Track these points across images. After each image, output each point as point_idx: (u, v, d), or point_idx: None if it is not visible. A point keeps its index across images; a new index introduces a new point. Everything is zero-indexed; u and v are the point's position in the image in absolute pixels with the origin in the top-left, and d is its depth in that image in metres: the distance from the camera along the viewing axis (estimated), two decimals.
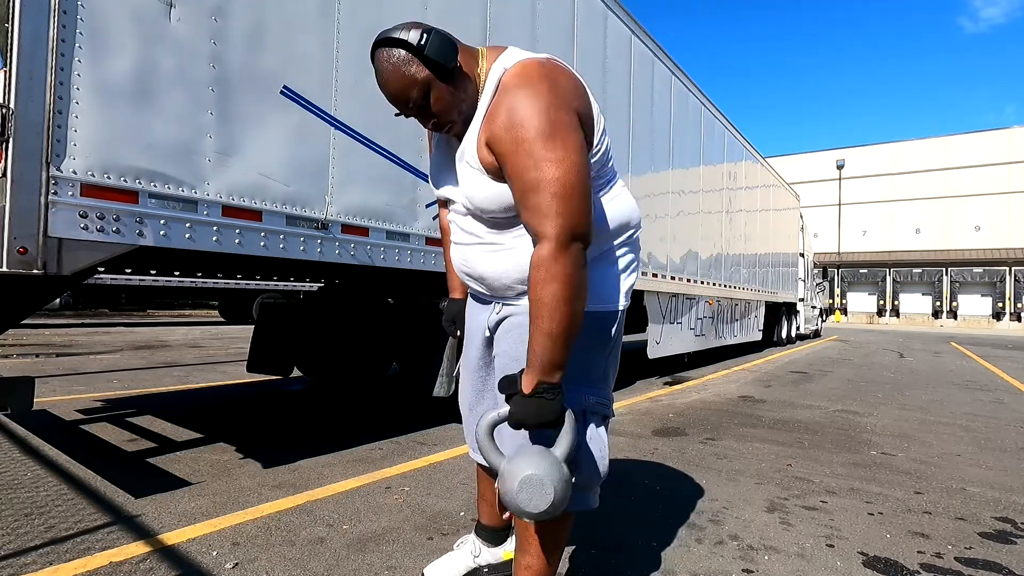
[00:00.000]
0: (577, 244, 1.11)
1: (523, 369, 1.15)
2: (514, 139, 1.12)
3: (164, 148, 2.08)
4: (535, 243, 1.13)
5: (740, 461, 3.12)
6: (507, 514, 1.20)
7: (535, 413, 1.12)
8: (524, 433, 1.21)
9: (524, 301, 1.31)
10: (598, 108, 1.28)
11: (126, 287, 11.76)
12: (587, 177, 1.14)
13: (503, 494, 1.12)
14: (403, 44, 1.16)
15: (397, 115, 1.32)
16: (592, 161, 1.24)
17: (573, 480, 1.16)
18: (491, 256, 1.31)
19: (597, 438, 1.29)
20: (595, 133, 1.25)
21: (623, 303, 1.35)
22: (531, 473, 1.08)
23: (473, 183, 1.25)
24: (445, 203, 1.48)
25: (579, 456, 1.26)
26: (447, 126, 1.26)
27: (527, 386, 1.12)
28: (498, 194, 1.21)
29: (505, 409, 1.16)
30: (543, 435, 1.18)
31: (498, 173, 1.19)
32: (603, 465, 1.30)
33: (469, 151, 1.24)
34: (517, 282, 1.28)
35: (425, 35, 1.15)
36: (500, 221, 1.28)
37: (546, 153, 1.09)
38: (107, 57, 1.92)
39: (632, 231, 1.39)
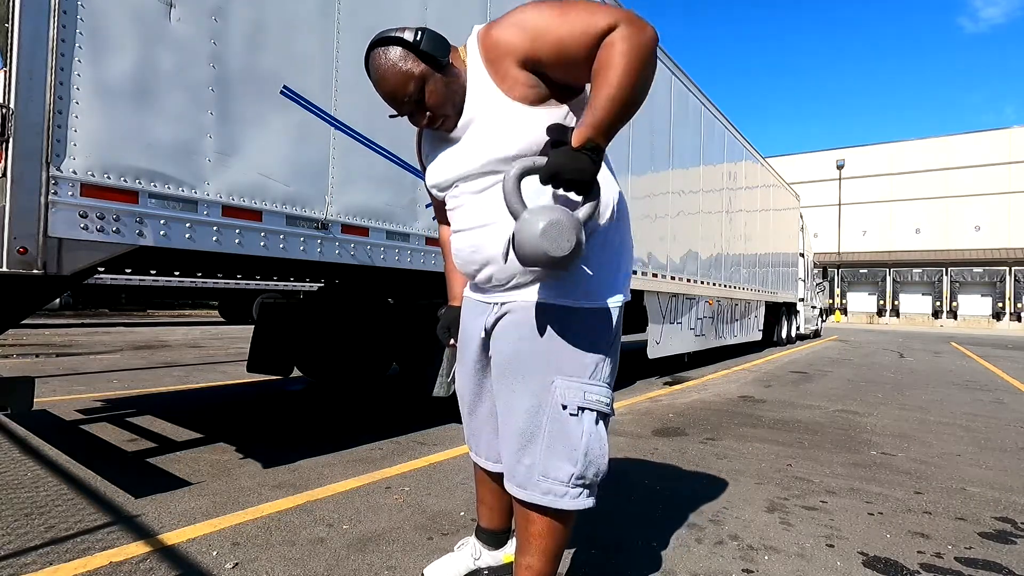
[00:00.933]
0: (649, 27, 1.12)
1: (573, 126, 1.14)
2: (536, 26, 1.17)
3: (164, 148, 2.08)
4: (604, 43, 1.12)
5: (740, 461, 3.12)
6: (502, 502, 1.20)
7: (574, 167, 1.09)
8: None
9: (522, 295, 1.31)
10: None
11: (126, 287, 11.76)
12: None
13: (521, 239, 1.09)
14: (399, 41, 1.21)
15: (392, 116, 1.32)
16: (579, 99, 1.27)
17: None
18: (504, 236, 1.27)
19: (597, 436, 1.29)
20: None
21: (624, 296, 1.35)
22: (556, 218, 1.07)
23: (521, 124, 1.22)
24: (443, 211, 1.48)
25: (578, 455, 1.26)
26: (441, 120, 1.28)
27: (578, 140, 1.10)
28: (541, 120, 1.21)
29: (542, 159, 1.14)
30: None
31: (538, 95, 1.21)
32: (602, 464, 1.30)
33: (496, 102, 1.23)
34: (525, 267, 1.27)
35: (419, 32, 1.21)
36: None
37: (563, 5, 1.15)
38: (107, 57, 1.92)
39: (624, 221, 1.38)
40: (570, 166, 1.09)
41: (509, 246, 1.16)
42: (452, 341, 1.64)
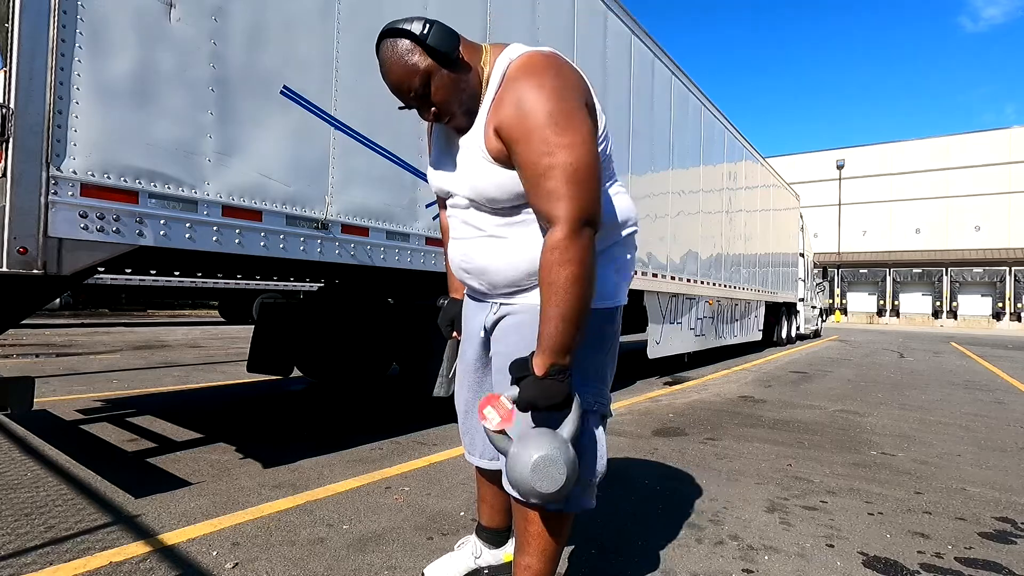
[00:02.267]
0: (589, 228, 1.13)
1: (533, 352, 1.16)
2: (524, 127, 1.14)
3: (164, 148, 2.08)
4: (546, 229, 1.14)
5: (740, 461, 3.12)
6: (510, 490, 1.20)
7: (546, 395, 1.13)
8: (528, 418, 1.22)
9: (522, 299, 1.31)
10: (599, 106, 1.29)
11: (126, 287, 11.76)
12: (598, 162, 1.17)
13: (513, 478, 1.12)
14: (406, 34, 1.20)
15: (401, 108, 1.33)
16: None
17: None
18: (494, 250, 1.30)
19: (595, 437, 1.29)
20: (599, 127, 1.27)
21: (621, 300, 1.35)
22: (544, 454, 1.10)
23: (481, 173, 1.25)
24: (444, 202, 1.48)
25: (579, 455, 1.26)
26: (447, 117, 1.27)
27: (539, 368, 1.13)
28: (506, 182, 1.22)
29: (514, 391, 1.17)
30: (549, 418, 1.19)
31: (506, 161, 1.21)
32: (601, 464, 1.30)
33: (476, 141, 1.25)
34: (520, 275, 1.28)
35: (428, 25, 1.19)
36: (505, 211, 1.28)
37: (558, 139, 1.11)
38: (107, 57, 1.92)
39: (630, 230, 1.39)
40: (542, 396, 1.14)
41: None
42: (455, 334, 1.64)
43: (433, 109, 1.25)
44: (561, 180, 1.11)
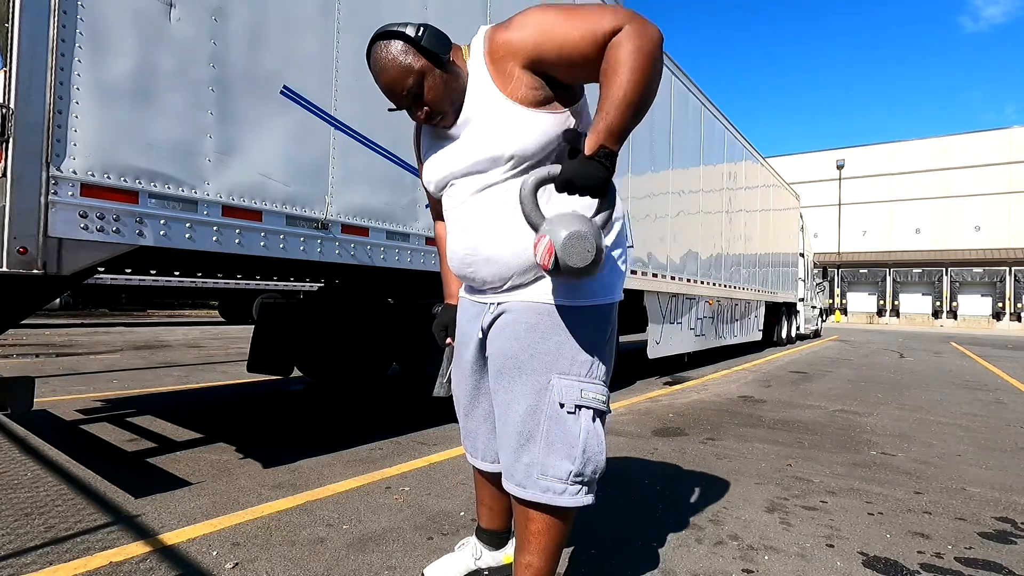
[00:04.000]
0: (653, 26, 1.14)
1: (584, 133, 1.16)
2: (541, 27, 1.18)
3: (164, 148, 2.08)
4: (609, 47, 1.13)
5: (740, 461, 3.12)
6: (510, 489, 1.19)
7: (587, 175, 1.11)
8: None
9: (519, 295, 1.31)
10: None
11: (126, 287, 11.76)
12: None
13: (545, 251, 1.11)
14: (400, 36, 1.23)
15: (391, 109, 1.33)
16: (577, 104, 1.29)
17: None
18: (501, 237, 1.28)
19: (595, 434, 1.29)
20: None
21: (618, 295, 1.36)
22: (576, 229, 1.09)
23: (522, 126, 1.23)
24: (439, 205, 1.48)
25: (576, 452, 1.26)
26: (438, 116, 1.29)
27: (590, 147, 1.12)
28: (548, 124, 1.23)
29: (556, 167, 1.16)
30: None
31: (540, 98, 1.22)
32: (600, 461, 1.30)
33: (496, 104, 1.24)
34: (522, 267, 1.28)
35: (421, 28, 1.22)
36: (525, 169, 1.27)
37: (568, 7, 1.17)
38: (107, 57, 1.92)
39: (618, 226, 1.39)
40: (583, 174, 1.11)
41: (541, 255, 1.16)
42: (448, 340, 1.64)
43: (426, 108, 1.27)
44: (598, 11, 1.14)
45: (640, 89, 1.10)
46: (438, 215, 1.61)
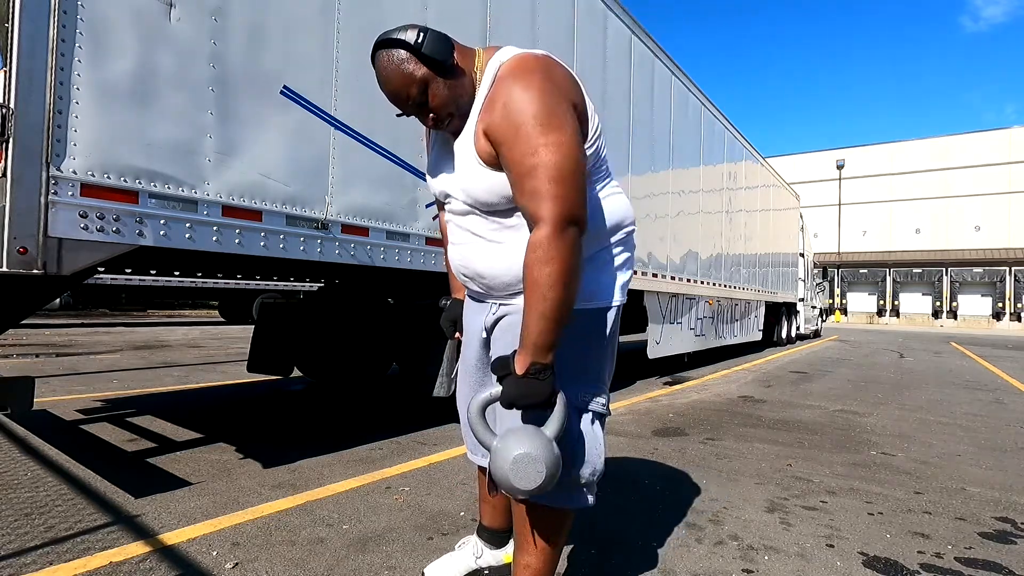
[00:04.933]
0: (574, 228, 1.12)
1: (515, 351, 1.16)
2: (511, 126, 1.14)
3: (164, 148, 2.08)
4: (532, 227, 1.14)
5: (740, 461, 3.12)
6: (502, 491, 1.20)
7: (526, 393, 1.13)
8: (516, 415, 1.23)
9: (520, 300, 1.31)
10: (592, 106, 1.30)
11: (126, 287, 11.75)
12: (583, 163, 1.17)
13: (495, 472, 1.13)
14: (401, 44, 1.20)
15: (399, 115, 1.33)
16: (588, 153, 1.26)
17: (562, 461, 1.17)
18: (489, 254, 1.31)
19: (593, 436, 1.29)
20: (589, 127, 1.28)
21: (619, 299, 1.36)
22: (524, 451, 1.10)
23: (472, 175, 1.26)
24: (443, 204, 1.49)
25: (575, 454, 1.26)
26: (445, 122, 1.28)
27: (520, 367, 1.14)
28: (496, 184, 1.23)
29: (497, 389, 1.18)
30: (534, 416, 1.20)
31: (496, 163, 1.21)
32: (599, 463, 1.30)
33: (467, 145, 1.26)
34: (516, 280, 1.29)
35: (422, 34, 1.20)
36: (500, 214, 1.29)
37: (542, 139, 1.12)
38: (107, 57, 1.92)
39: (626, 229, 1.39)
40: (523, 394, 1.14)
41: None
42: (456, 334, 1.64)
43: (432, 115, 1.26)
44: (544, 179, 1.11)
45: (561, 301, 1.11)
46: (443, 208, 1.61)
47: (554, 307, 1.11)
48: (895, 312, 32.87)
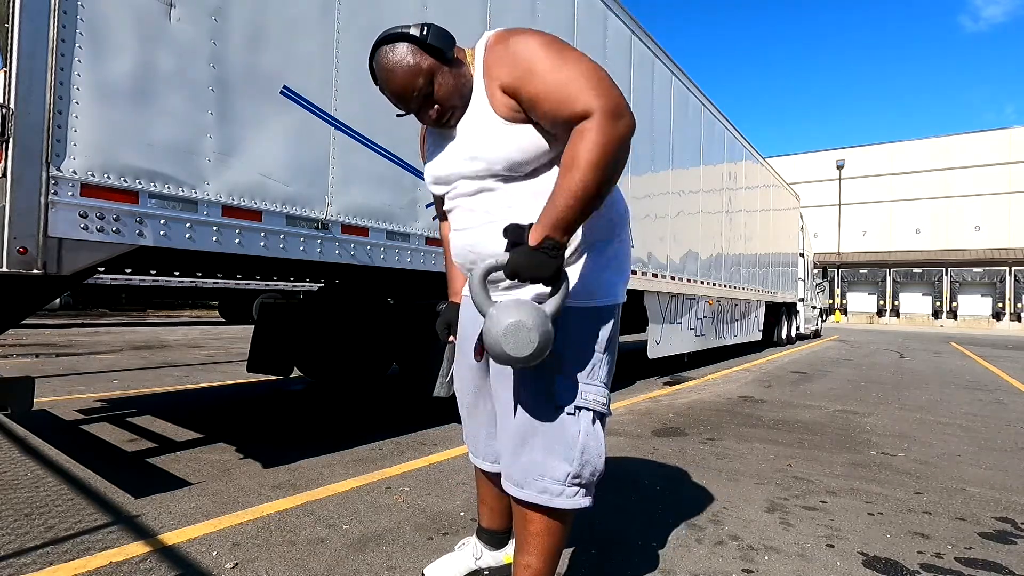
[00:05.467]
0: (625, 120, 1.12)
1: (531, 224, 1.15)
2: (526, 63, 1.18)
3: (164, 148, 2.08)
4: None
5: (740, 461, 3.12)
6: (509, 490, 1.19)
7: (533, 265, 1.11)
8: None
9: (522, 293, 1.31)
10: None
11: (126, 287, 11.75)
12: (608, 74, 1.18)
13: (487, 338, 1.12)
14: (405, 37, 1.23)
15: (399, 115, 1.33)
16: None
17: (561, 450, 1.18)
18: (497, 236, 1.27)
19: (594, 436, 1.29)
20: None
21: (620, 297, 1.35)
22: (519, 319, 1.09)
23: (497, 139, 1.24)
24: (443, 205, 1.48)
25: (575, 454, 1.26)
26: (450, 112, 1.28)
27: (534, 239, 1.12)
28: (525, 141, 1.23)
29: (504, 256, 1.15)
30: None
31: (519, 117, 1.22)
32: (599, 463, 1.30)
33: (483, 115, 1.26)
34: None
35: (425, 28, 1.22)
36: (519, 179, 1.27)
37: (561, 56, 1.16)
38: (107, 57, 1.92)
39: (623, 221, 1.39)
40: (529, 265, 1.11)
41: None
42: (451, 338, 1.64)
43: (437, 107, 1.27)
44: (582, 80, 1.12)
45: (596, 187, 1.10)
46: (443, 215, 1.61)
47: (586, 188, 1.09)
48: (895, 312, 32.88)
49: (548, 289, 1.17)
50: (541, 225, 1.12)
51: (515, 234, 1.15)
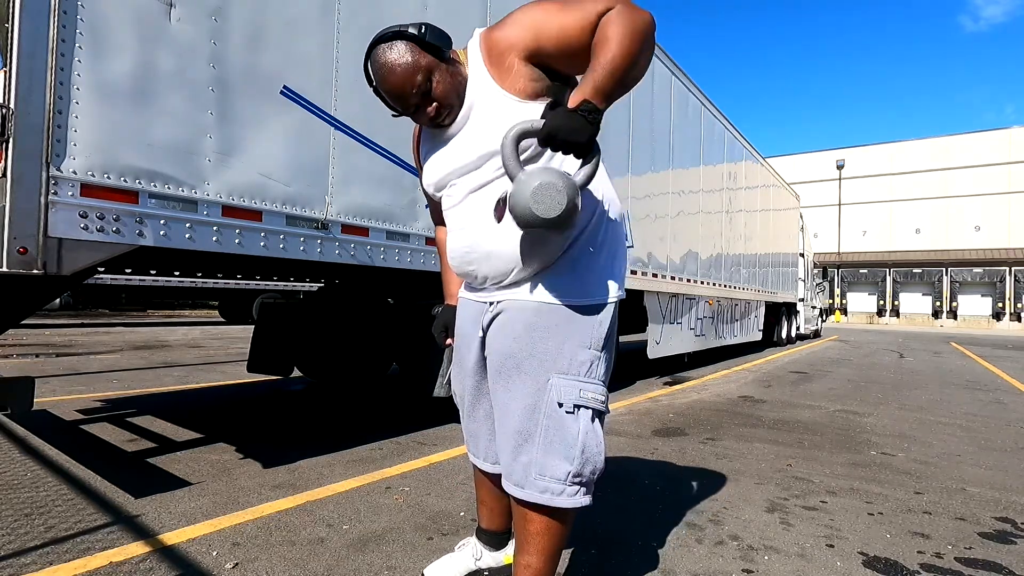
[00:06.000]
0: (643, 11, 1.15)
1: (569, 90, 1.19)
2: (531, 20, 1.21)
3: (164, 148, 2.08)
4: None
5: (740, 461, 3.12)
6: (509, 489, 1.18)
7: (571, 127, 1.09)
8: (513, 404, 1.27)
9: (519, 292, 1.31)
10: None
11: (126, 287, 11.75)
12: None
13: (514, 202, 1.09)
14: (403, 35, 1.24)
15: (395, 115, 1.33)
16: None
17: (561, 453, 1.18)
18: (500, 232, 1.28)
19: (593, 434, 1.29)
20: None
21: (618, 294, 1.35)
22: (549, 180, 1.08)
23: (509, 117, 1.22)
24: (439, 209, 1.48)
25: (575, 453, 1.26)
26: (447, 110, 1.29)
27: (574, 100, 1.11)
28: (538, 113, 1.21)
29: (540, 121, 1.14)
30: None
31: (537, 87, 1.24)
32: (598, 462, 1.30)
33: (496, 100, 1.26)
34: (520, 263, 1.28)
35: (422, 27, 1.24)
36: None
37: (565, 1, 1.20)
38: (107, 57, 1.92)
39: (619, 219, 1.39)
40: (566, 126, 1.09)
41: (504, 207, 1.18)
42: (448, 340, 1.64)
43: (435, 104, 1.27)
44: (594, 2, 1.16)
45: (629, 57, 1.12)
46: (438, 219, 1.60)
47: (622, 57, 1.11)
48: (895, 312, 32.88)
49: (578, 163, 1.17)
50: (580, 90, 1.12)
51: (556, 93, 1.20)
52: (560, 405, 1.26)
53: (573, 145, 1.10)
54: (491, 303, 1.37)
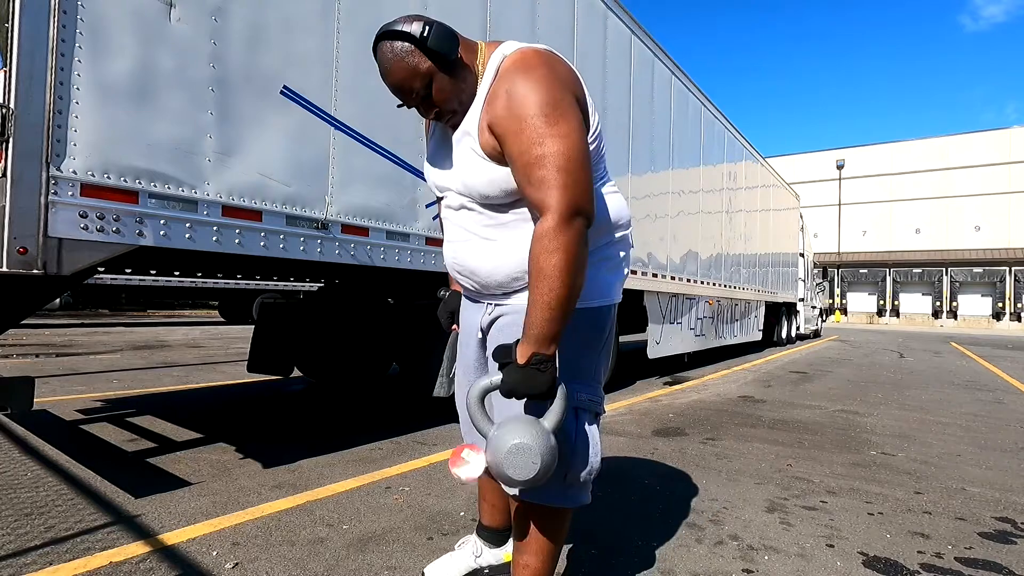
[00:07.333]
0: (581, 218, 1.13)
1: (518, 340, 1.16)
2: (516, 118, 1.14)
3: (164, 148, 2.08)
4: (537, 219, 1.14)
5: (740, 461, 3.12)
6: (506, 488, 1.18)
7: (527, 383, 1.12)
8: (515, 404, 1.23)
9: (515, 300, 1.31)
10: (592, 104, 1.30)
11: (126, 287, 11.75)
12: (588, 154, 1.17)
13: (490, 461, 1.13)
14: (406, 36, 1.18)
15: (399, 106, 1.33)
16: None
17: (559, 457, 1.17)
18: (482, 252, 1.31)
19: (589, 435, 1.29)
20: (590, 124, 1.28)
21: (616, 297, 1.36)
22: (520, 441, 1.10)
23: (473, 168, 1.26)
24: (440, 199, 1.48)
25: (572, 452, 1.26)
26: (448, 116, 1.28)
27: (522, 356, 1.13)
28: (497, 177, 1.23)
29: (498, 377, 1.17)
30: (533, 406, 1.20)
31: (498, 157, 1.21)
32: (595, 462, 1.30)
33: (470, 136, 1.26)
34: (509, 279, 1.29)
35: (427, 27, 1.18)
36: (496, 209, 1.28)
37: (549, 129, 1.12)
38: (107, 57, 1.92)
39: (623, 229, 1.39)
40: (524, 383, 1.12)
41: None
42: (454, 326, 1.64)
43: (435, 110, 1.26)
44: (552, 169, 1.11)
45: (563, 297, 1.10)
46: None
47: (559, 298, 1.10)
48: (895, 312, 32.88)
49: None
50: (525, 342, 1.13)
51: (503, 355, 1.17)
52: None
53: (535, 395, 1.14)
54: (489, 304, 1.37)
